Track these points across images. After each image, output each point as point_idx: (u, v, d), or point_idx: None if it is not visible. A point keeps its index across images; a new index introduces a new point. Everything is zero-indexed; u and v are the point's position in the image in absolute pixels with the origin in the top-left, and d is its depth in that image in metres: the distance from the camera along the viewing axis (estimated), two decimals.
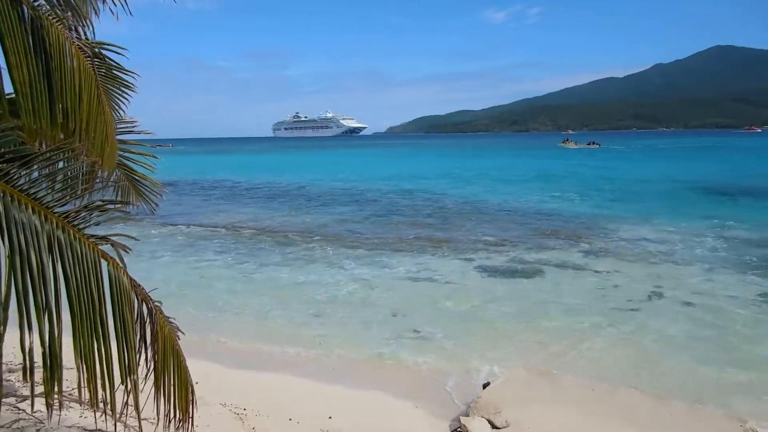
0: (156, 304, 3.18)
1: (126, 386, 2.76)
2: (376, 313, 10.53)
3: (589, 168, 48.84)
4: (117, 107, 4.45)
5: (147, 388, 3.10)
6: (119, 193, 5.17)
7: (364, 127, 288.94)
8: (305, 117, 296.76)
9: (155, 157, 5.29)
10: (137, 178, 5.25)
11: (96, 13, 4.10)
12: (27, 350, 2.24)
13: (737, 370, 7.81)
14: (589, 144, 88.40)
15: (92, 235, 2.72)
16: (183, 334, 3.46)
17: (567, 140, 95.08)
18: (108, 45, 4.02)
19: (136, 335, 2.95)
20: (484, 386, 7.01)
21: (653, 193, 29.30)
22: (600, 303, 10.91)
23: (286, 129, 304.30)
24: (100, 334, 2.57)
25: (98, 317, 2.57)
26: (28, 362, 2.25)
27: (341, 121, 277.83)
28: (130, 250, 2.92)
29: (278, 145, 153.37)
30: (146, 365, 3.13)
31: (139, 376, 2.92)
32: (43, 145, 3.40)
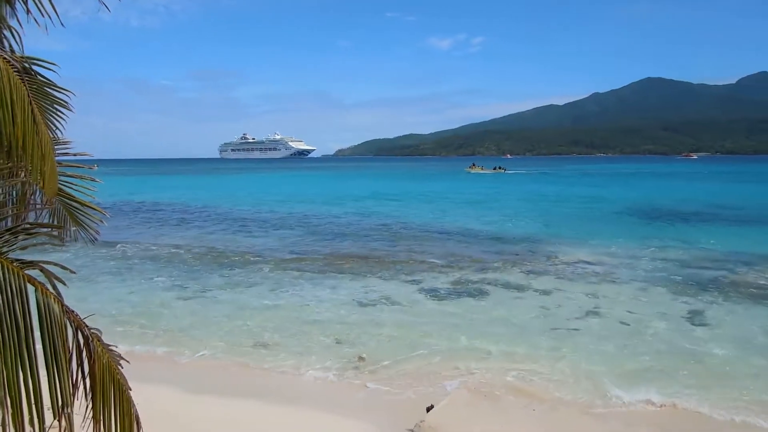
0: (94, 331, 2.98)
1: (60, 422, 2.57)
2: (320, 337, 10.41)
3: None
4: (53, 127, 4.20)
5: (85, 423, 2.89)
6: (55, 217, 4.76)
7: (313, 150, 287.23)
8: (253, 138, 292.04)
9: (96, 181, 4.84)
10: (74, 204, 4.82)
11: (20, 25, 3.85)
12: None
13: (674, 386, 8.14)
14: (495, 169, 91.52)
15: (17, 260, 2.56)
16: (128, 362, 3.25)
17: (474, 165, 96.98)
18: (38, 60, 3.81)
19: (71, 365, 2.77)
20: (428, 409, 7.02)
21: (585, 216, 30.41)
22: (541, 322, 11.20)
23: (233, 150, 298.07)
24: (27, 363, 2.40)
25: (24, 345, 2.40)
26: None
27: (290, 143, 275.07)
28: (66, 284, 2.72)
29: (224, 167, 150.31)
30: (85, 398, 2.92)
31: (77, 409, 2.71)
32: None
